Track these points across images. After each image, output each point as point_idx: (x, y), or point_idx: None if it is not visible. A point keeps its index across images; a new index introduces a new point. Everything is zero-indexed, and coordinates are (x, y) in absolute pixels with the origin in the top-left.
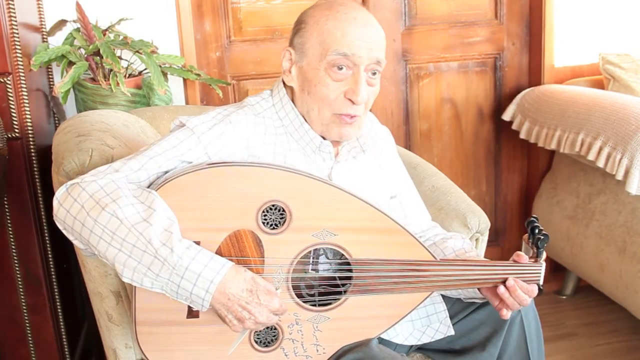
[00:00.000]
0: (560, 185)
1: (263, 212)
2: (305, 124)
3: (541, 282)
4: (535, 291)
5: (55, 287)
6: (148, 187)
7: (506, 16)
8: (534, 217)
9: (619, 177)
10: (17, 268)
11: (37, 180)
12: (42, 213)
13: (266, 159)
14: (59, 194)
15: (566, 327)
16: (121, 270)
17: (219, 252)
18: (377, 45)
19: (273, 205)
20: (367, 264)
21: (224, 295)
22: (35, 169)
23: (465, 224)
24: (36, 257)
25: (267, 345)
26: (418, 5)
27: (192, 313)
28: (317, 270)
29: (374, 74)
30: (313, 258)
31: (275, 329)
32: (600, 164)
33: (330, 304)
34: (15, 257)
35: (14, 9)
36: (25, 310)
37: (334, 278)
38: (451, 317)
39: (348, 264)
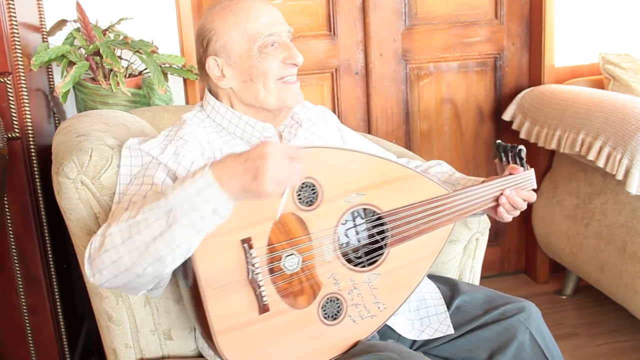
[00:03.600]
0: (560, 185)
1: (297, 192)
2: (244, 115)
3: (535, 186)
4: (534, 196)
5: (55, 287)
6: None
7: (506, 16)
8: (498, 141)
9: (619, 177)
10: (17, 268)
11: (37, 180)
12: (42, 213)
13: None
14: (89, 271)
15: (566, 327)
16: (170, 248)
17: (269, 242)
18: (282, 17)
19: (303, 184)
20: (397, 213)
21: (224, 176)
22: (35, 169)
23: (465, 224)
24: (36, 257)
25: (335, 318)
26: (418, 5)
27: (262, 308)
28: (357, 232)
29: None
30: (351, 221)
31: (337, 299)
32: (600, 164)
33: (376, 261)
34: (15, 257)
35: (14, 9)
36: (25, 310)
37: (372, 235)
38: (455, 328)
39: (380, 219)
